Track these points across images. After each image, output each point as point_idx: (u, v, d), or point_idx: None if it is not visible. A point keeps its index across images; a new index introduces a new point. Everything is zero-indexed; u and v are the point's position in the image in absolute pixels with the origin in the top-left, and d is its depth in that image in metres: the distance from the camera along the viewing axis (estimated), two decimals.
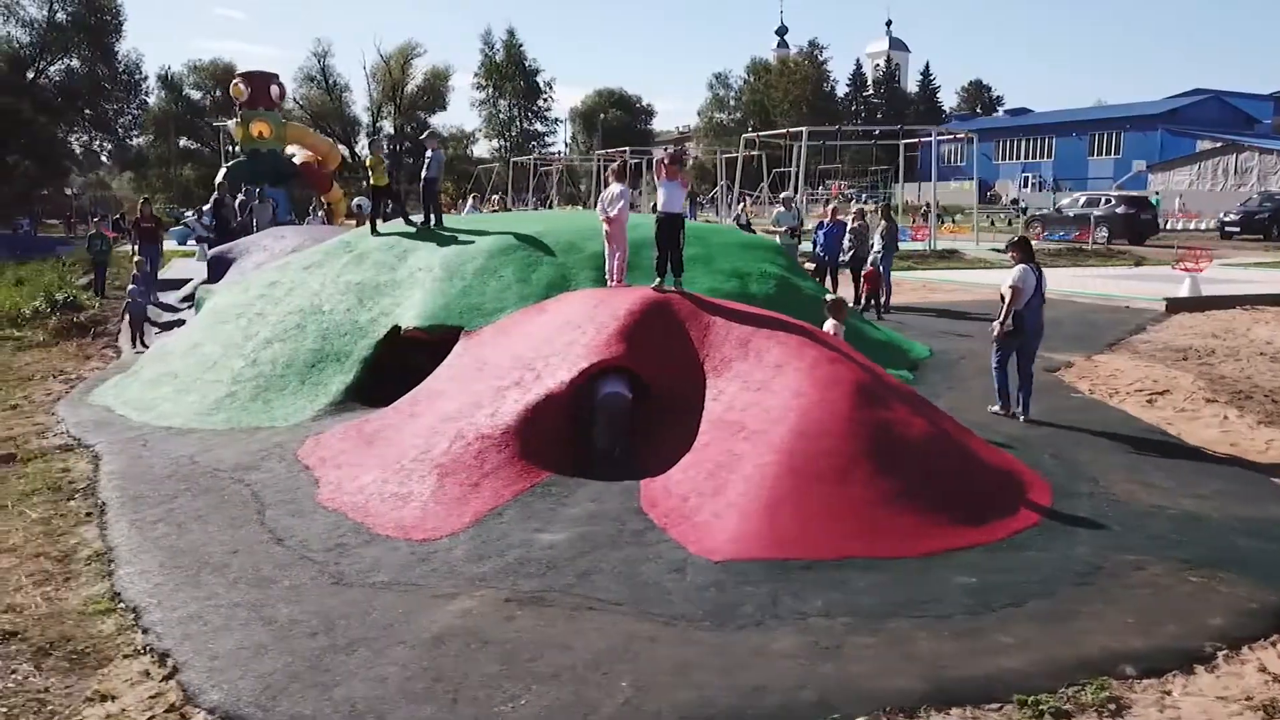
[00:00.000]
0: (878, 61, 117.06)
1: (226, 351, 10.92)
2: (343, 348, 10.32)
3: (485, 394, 8.01)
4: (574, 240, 11.21)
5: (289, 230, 17.02)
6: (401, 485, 7.26)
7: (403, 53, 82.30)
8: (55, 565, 6.63)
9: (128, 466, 8.61)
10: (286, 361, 10.33)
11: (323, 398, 9.78)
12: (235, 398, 10.05)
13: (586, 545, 6.19)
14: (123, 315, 13.75)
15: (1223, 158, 68.48)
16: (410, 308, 10.38)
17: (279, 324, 10.97)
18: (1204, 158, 69.55)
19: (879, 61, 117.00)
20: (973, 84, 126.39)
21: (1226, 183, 66.72)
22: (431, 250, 11.39)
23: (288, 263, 12.56)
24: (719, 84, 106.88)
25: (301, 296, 11.35)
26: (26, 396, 11.80)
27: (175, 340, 12.03)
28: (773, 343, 7.63)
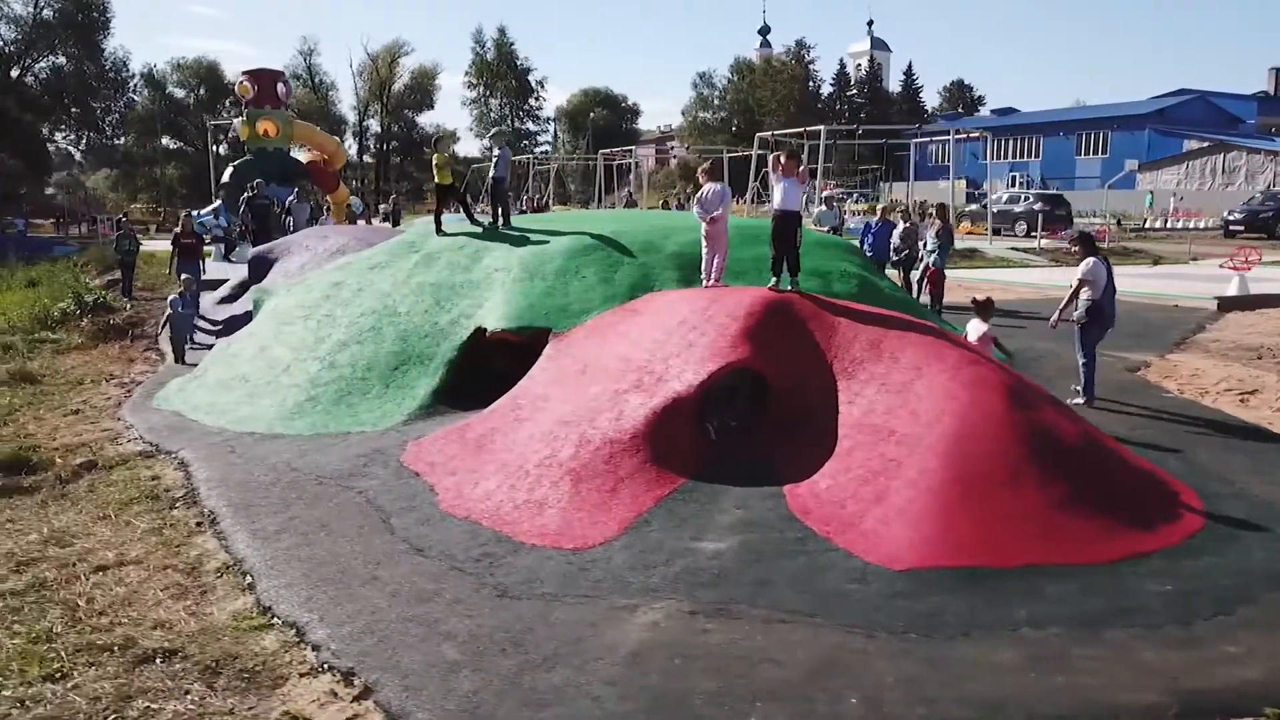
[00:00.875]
0: (859, 61, 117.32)
1: (299, 354, 10.64)
2: (424, 350, 10.07)
3: (602, 397, 7.81)
4: (651, 239, 11.01)
5: (330, 230, 16.69)
6: (532, 492, 7.05)
7: (390, 52, 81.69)
8: (185, 578, 6.38)
9: (224, 474, 8.35)
10: (367, 364, 10.07)
11: (410, 401, 9.53)
12: (316, 402, 9.79)
13: (752, 554, 6.00)
14: (163, 326, 13.39)
15: (1210, 157, 69.08)
16: (493, 309, 10.15)
17: (352, 326, 10.70)
18: (1192, 157, 70.13)
19: (860, 61, 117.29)
20: (954, 84, 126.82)
21: (1214, 182, 67.32)
22: (506, 251, 11.16)
23: (349, 263, 12.28)
24: (703, 83, 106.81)
25: (372, 298, 11.09)
26: (85, 401, 11.47)
27: (239, 343, 11.72)
28: (906, 344, 7.47)
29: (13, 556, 6.72)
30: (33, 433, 10.24)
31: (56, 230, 48.30)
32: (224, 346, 11.87)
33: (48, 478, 8.65)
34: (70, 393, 11.96)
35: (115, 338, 15.12)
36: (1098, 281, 10.16)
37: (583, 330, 9.52)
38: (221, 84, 77.43)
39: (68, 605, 5.93)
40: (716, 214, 9.28)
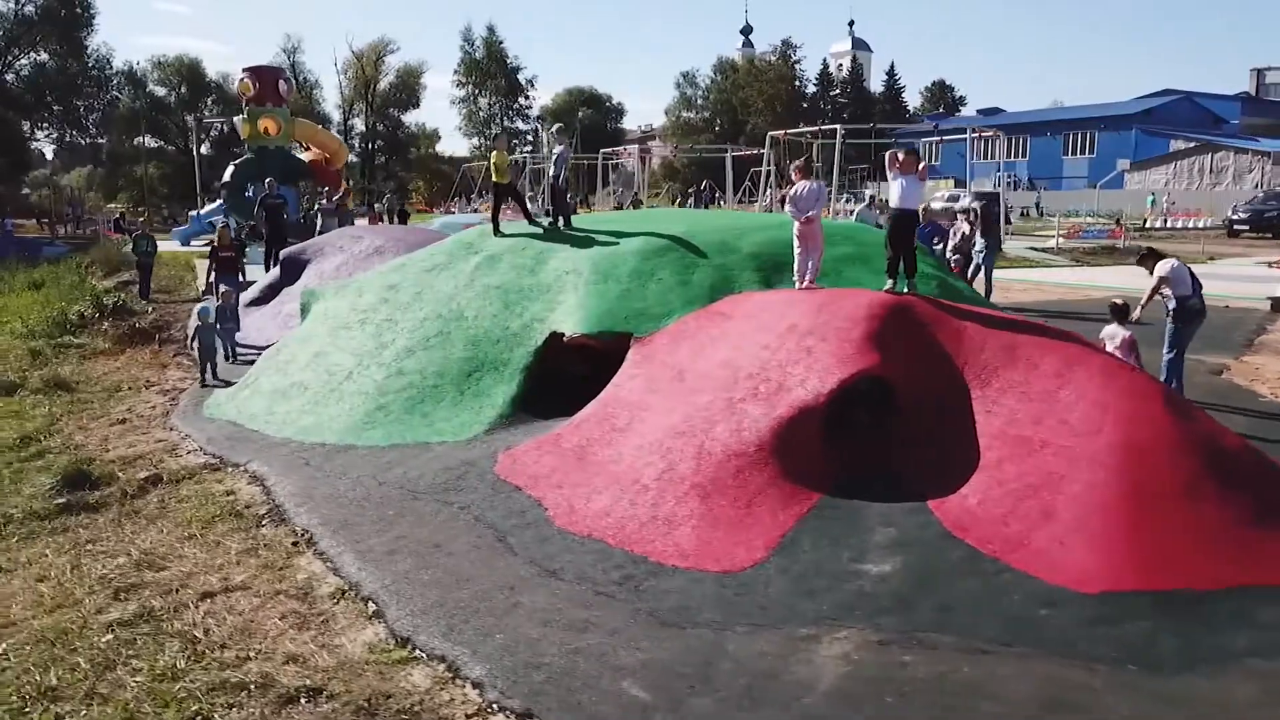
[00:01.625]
0: (841, 61, 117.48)
1: (361, 360, 10.16)
2: (498, 356, 9.63)
3: (715, 406, 7.40)
4: (724, 240, 10.62)
5: (364, 230, 16.18)
6: (656, 508, 6.64)
7: (375, 50, 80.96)
8: (301, 604, 5.93)
9: (305, 488, 7.89)
10: (438, 371, 9.62)
11: (488, 410, 9.10)
12: (387, 410, 9.33)
13: (921, 576, 5.62)
14: (191, 339, 12.51)
15: (1198, 157, 69.54)
16: (567, 313, 9.72)
17: (417, 331, 10.24)
18: (1179, 157, 70.58)
19: (842, 61, 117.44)
20: (936, 84, 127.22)
21: (1202, 182, 67.73)
22: (572, 253, 10.73)
23: (403, 265, 11.80)
24: (686, 83, 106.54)
25: (434, 301, 10.62)
26: (129, 409, 10.94)
27: (289, 348, 11.21)
28: (1043, 350, 7.12)
29: (108, 582, 6.24)
30: (82, 443, 9.72)
31: (42, 230, 47.28)
32: (273, 352, 11.35)
33: (113, 493, 8.15)
34: (109, 401, 11.42)
35: (142, 342, 14.55)
36: (1181, 279, 10.02)
37: (666, 335, 9.12)
38: (203, 82, 76.45)
39: (184, 637, 5.47)
40: (812, 213, 8.91)
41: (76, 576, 6.40)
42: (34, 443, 9.72)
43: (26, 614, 5.89)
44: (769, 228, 11.35)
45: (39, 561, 6.73)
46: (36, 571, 6.54)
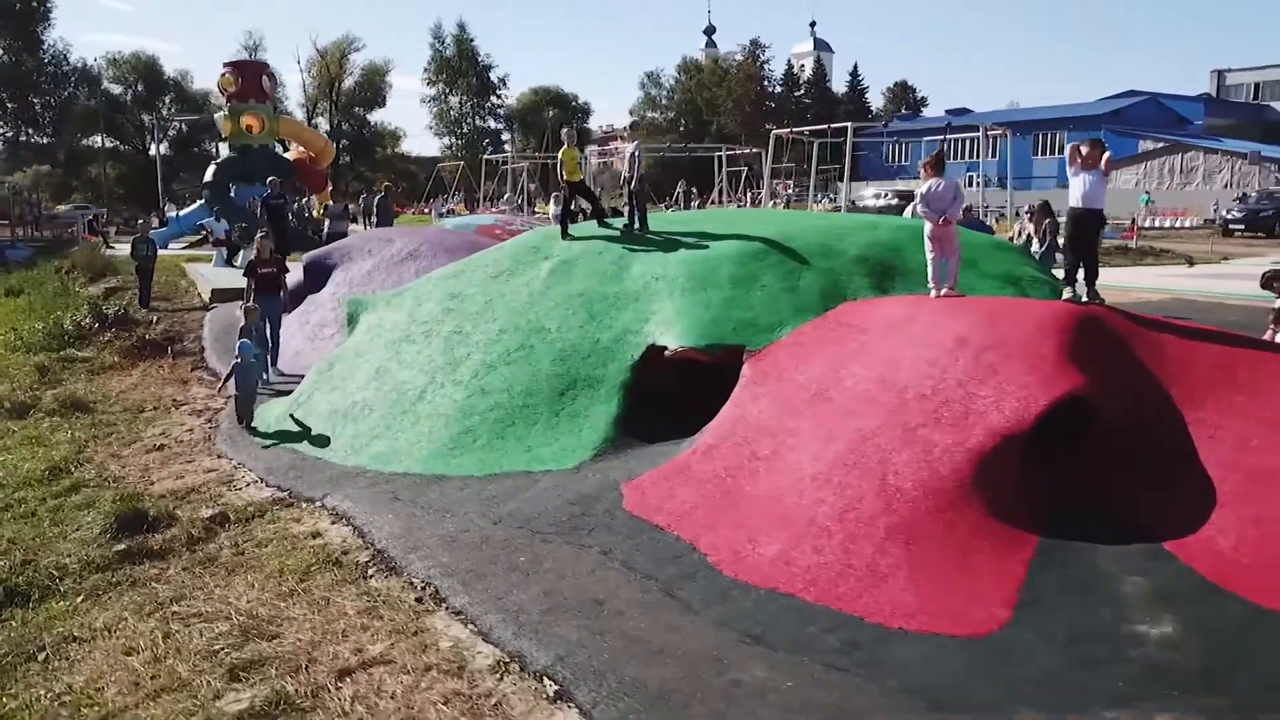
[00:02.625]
0: (803, 62, 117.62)
1: (434, 378, 9.14)
2: (590, 372, 8.67)
3: (885, 433, 6.51)
4: (825, 242, 9.76)
5: (394, 233, 15.07)
6: (849, 555, 5.74)
7: (339, 47, 79.22)
8: (459, 682, 4.95)
9: (406, 528, 6.88)
10: (525, 389, 8.63)
11: (590, 432, 8.14)
12: (475, 435, 8.33)
13: (1211, 640, 4.78)
14: (226, 379, 10.58)
15: (1168, 157, 70.10)
16: (665, 324, 8.78)
17: (494, 344, 9.24)
18: (1150, 157, 71.08)
19: (804, 62, 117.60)
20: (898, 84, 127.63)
21: (1172, 181, 68.30)
22: (658, 257, 9.79)
23: (461, 270, 10.77)
24: (650, 83, 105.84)
25: (508, 311, 9.63)
26: (164, 434, 9.82)
27: (343, 364, 10.13)
28: (1261, 365, 6.31)
29: (217, 657, 5.20)
30: (120, 475, 8.59)
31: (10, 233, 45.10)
32: (324, 368, 10.26)
33: (177, 536, 7.08)
34: (136, 423, 10.27)
35: (153, 356, 13.35)
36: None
37: (785, 348, 8.22)
38: (160, 80, 74.22)
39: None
40: (950, 213, 8.08)
41: (173, 648, 5.35)
42: (65, 474, 8.58)
43: (126, 700, 4.85)
44: (868, 228, 10.50)
45: (120, 628, 5.67)
46: (121, 642, 5.48)
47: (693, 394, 8.71)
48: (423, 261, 13.31)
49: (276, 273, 12.06)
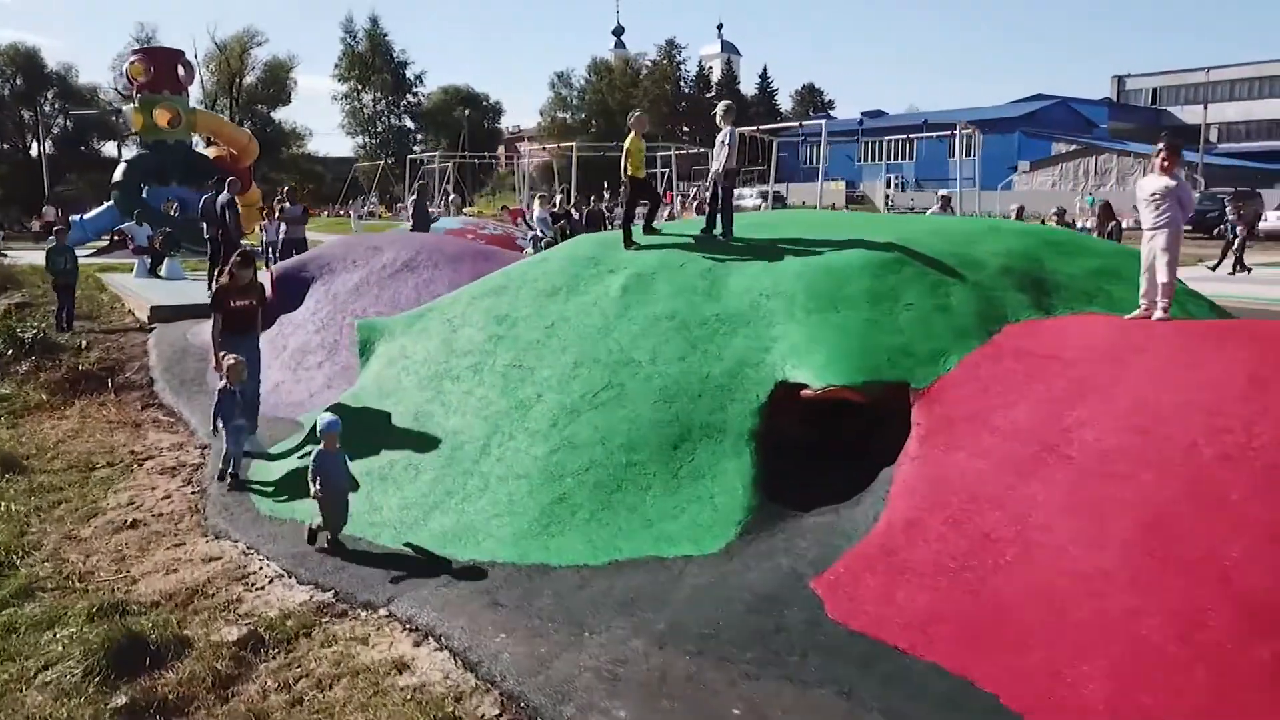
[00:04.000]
0: (710, 64, 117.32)
1: (498, 426, 7.17)
2: (706, 417, 6.82)
3: (1188, 509, 4.85)
4: (954, 249, 8.11)
5: (380, 239, 12.84)
6: (1222, 699, 4.03)
7: (240, 42, 75.10)
8: None
9: (539, 658, 4.96)
10: (627, 442, 6.73)
11: (726, 499, 6.30)
12: (573, 503, 6.40)
13: None
14: (226, 464, 7.97)
15: (1082, 160, 71.32)
16: (796, 354, 6.99)
17: (570, 382, 7.31)
18: (1065, 160, 72.22)
19: (712, 64, 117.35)
20: (806, 87, 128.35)
21: (1087, 184, 69.42)
22: (760, 268, 8.00)
23: (503, 286, 8.76)
24: (561, 83, 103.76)
25: (578, 338, 7.70)
26: (131, 501, 7.58)
27: (367, 410, 8.02)
28: None
29: None
30: (88, 569, 6.39)
31: None
32: (340, 403, 8.12)
33: (196, 674, 4.98)
34: (90, 487, 8.00)
35: (89, 390, 10.95)
36: None
37: (959, 385, 6.53)
38: (41, 73, 69.18)
39: None
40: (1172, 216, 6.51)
41: None
42: (8, 571, 6.34)
43: None
44: (990, 233, 8.90)
45: None
46: None
47: (820, 436, 7.01)
48: (422, 273, 11.21)
49: (254, 305, 8.69)
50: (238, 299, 8.53)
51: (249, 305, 8.64)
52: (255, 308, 8.75)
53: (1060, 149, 74.51)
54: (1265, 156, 75.39)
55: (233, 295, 8.51)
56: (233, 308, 8.51)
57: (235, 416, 7.77)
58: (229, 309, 8.49)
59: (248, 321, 8.67)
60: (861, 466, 6.60)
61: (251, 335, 8.72)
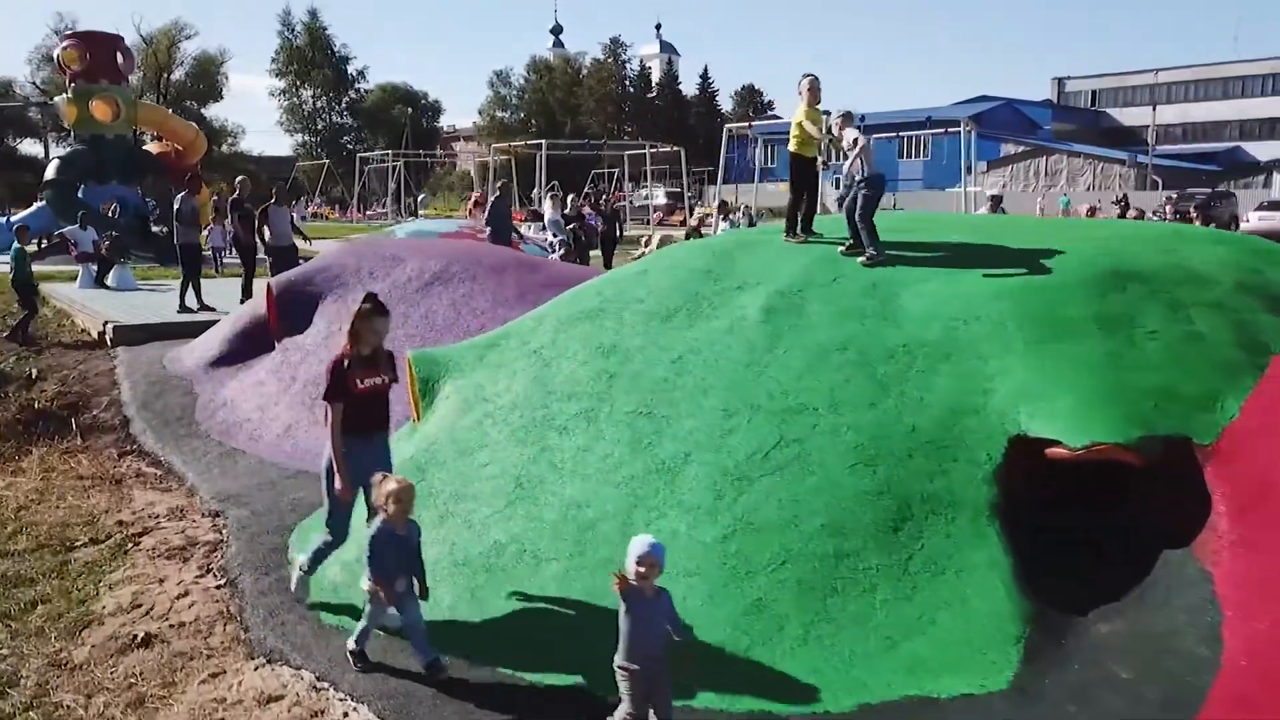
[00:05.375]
0: (649, 64, 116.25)
1: (636, 497, 5.43)
2: (925, 485, 5.17)
3: None
4: (1167, 260, 6.57)
5: (398, 247, 10.88)
6: None
7: (167, 35, 71.51)
8: None
9: None
10: (828, 523, 5.04)
11: (981, 600, 4.69)
12: (777, 616, 4.71)
13: None
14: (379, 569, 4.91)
15: (1033, 160, 71.38)
16: (1023, 397, 5.37)
17: (725, 436, 5.59)
18: (1016, 160, 72.22)
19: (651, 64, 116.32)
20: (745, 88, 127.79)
21: (1038, 184, 69.48)
22: (942, 286, 6.37)
23: (598, 310, 6.95)
24: (500, 82, 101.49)
25: (721, 377, 5.98)
26: (136, 603, 5.65)
27: (443, 471, 6.16)
28: None
29: None
30: (94, 715, 4.48)
31: None
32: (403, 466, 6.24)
33: None
34: (73, 578, 6.04)
35: (48, 433, 8.91)
36: None
37: (1257, 436, 4.97)
38: None
39: None
40: None
41: None
42: None
43: None
44: (1191, 239, 7.41)
45: None
46: None
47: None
48: (458, 286, 9.35)
49: (387, 384, 5.38)
50: (367, 375, 5.20)
51: (382, 384, 5.32)
52: (388, 386, 5.42)
53: (1009, 150, 74.56)
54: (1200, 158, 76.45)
55: (361, 371, 5.18)
56: (362, 390, 5.17)
57: (399, 577, 4.68)
58: (357, 393, 5.16)
59: (383, 411, 5.41)
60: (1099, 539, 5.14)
61: (385, 432, 5.48)
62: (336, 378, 5.13)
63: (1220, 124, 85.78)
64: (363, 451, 5.13)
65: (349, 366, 5.14)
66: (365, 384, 5.18)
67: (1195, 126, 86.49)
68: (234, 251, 15.79)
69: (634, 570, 3.93)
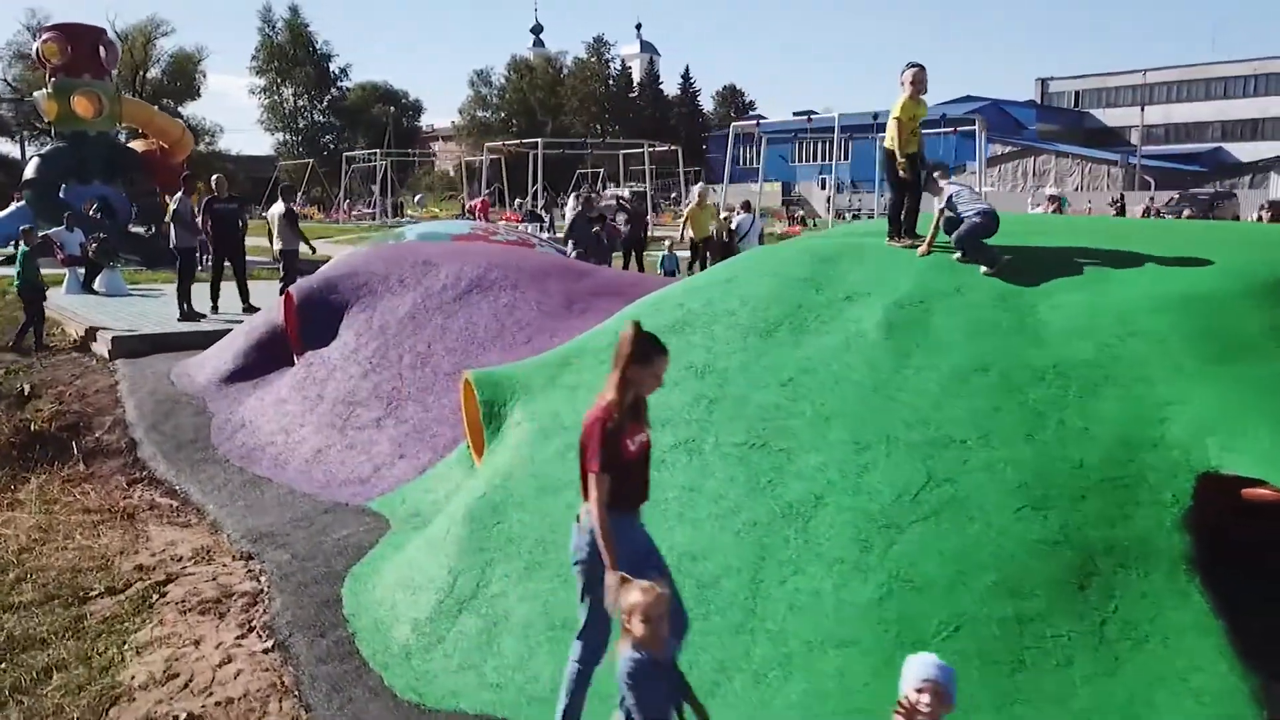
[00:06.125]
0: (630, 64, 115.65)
1: (767, 550, 4.64)
2: (1105, 531, 4.42)
3: None
4: None
5: (433, 250, 10.01)
6: None
7: (143, 32, 70.10)
8: None
9: None
10: (1004, 581, 4.28)
11: (1202, 675, 3.95)
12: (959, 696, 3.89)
13: None
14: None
15: (1020, 161, 71.19)
16: (1208, 426, 4.64)
17: (865, 474, 4.81)
18: (1004, 161, 71.94)
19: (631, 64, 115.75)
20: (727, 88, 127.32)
21: (1025, 184, 69.23)
22: (1085, 297, 5.63)
23: (681, 323, 6.16)
24: (481, 81, 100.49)
25: (844, 402, 5.21)
26: (177, 677, 4.80)
27: (522, 514, 5.35)
28: None
29: None
30: None
31: None
32: (475, 518, 5.41)
33: None
34: (88, 637, 5.19)
35: (46, 458, 8.02)
36: None
37: None
38: None
39: None
40: None
41: None
42: None
43: None
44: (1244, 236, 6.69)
45: None
46: None
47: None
48: (499, 295, 8.53)
49: (649, 443, 3.99)
50: (635, 432, 3.87)
51: (648, 441, 4.00)
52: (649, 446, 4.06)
53: (996, 150, 74.29)
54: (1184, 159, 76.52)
55: (630, 427, 3.84)
56: (633, 455, 3.87)
57: (667, 706, 3.53)
58: (627, 458, 3.84)
59: (647, 475, 4.05)
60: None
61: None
62: (607, 443, 3.74)
63: (1203, 125, 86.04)
64: (632, 532, 3.91)
65: (618, 424, 3.77)
66: (636, 445, 3.86)
67: (1178, 127, 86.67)
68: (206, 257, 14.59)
69: (912, 697, 3.06)
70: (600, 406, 3.78)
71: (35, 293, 11.18)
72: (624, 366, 3.77)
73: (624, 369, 3.77)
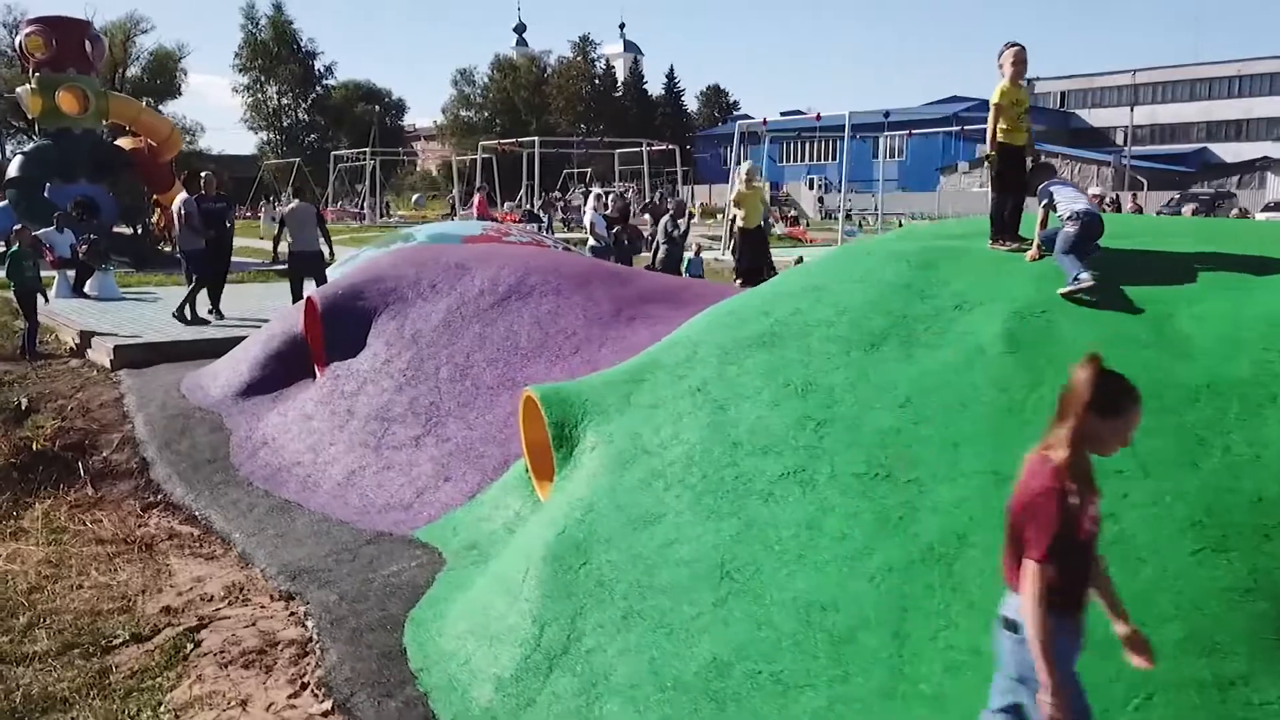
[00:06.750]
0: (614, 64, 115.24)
1: (910, 601, 4.07)
2: None
3: None
4: None
5: (466, 254, 9.36)
6: None
7: (122, 29, 68.96)
8: None
9: None
10: (1191, 638, 3.73)
11: None
12: None
13: None
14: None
15: None
16: None
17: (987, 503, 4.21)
18: None
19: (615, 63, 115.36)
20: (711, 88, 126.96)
21: None
22: (1217, 304, 5.09)
23: (770, 334, 5.55)
24: (464, 80, 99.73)
25: (974, 424, 4.64)
26: None
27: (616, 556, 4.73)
28: None
29: None
30: None
31: None
32: (560, 579, 4.77)
33: None
34: (116, 696, 4.55)
35: (50, 480, 7.34)
36: None
37: None
38: None
39: None
40: None
41: None
42: None
43: None
44: None
45: None
46: None
47: None
48: (541, 301, 7.91)
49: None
50: (1091, 505, 3.01)
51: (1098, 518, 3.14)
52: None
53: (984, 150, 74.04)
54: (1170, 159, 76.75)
55: (1086, 496, 2.97)
56: (1089, 534, 3.03)
57: None
58: (1082, 539, 2.98)
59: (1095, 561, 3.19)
60: None
61: None
62: (1064, 520, 2.84)
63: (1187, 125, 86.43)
64: (1075, 642, 3.08)
65: (1076, 494, 2.88)
66: (1092, 520, 2.98)
67: (1163, 128, 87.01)
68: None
69: None
70: (1050, 470, 2.88)
71: (32, 296, 10.49)
72: (1081, 416, 2.86)
73: (1081, 420, 2.87)
